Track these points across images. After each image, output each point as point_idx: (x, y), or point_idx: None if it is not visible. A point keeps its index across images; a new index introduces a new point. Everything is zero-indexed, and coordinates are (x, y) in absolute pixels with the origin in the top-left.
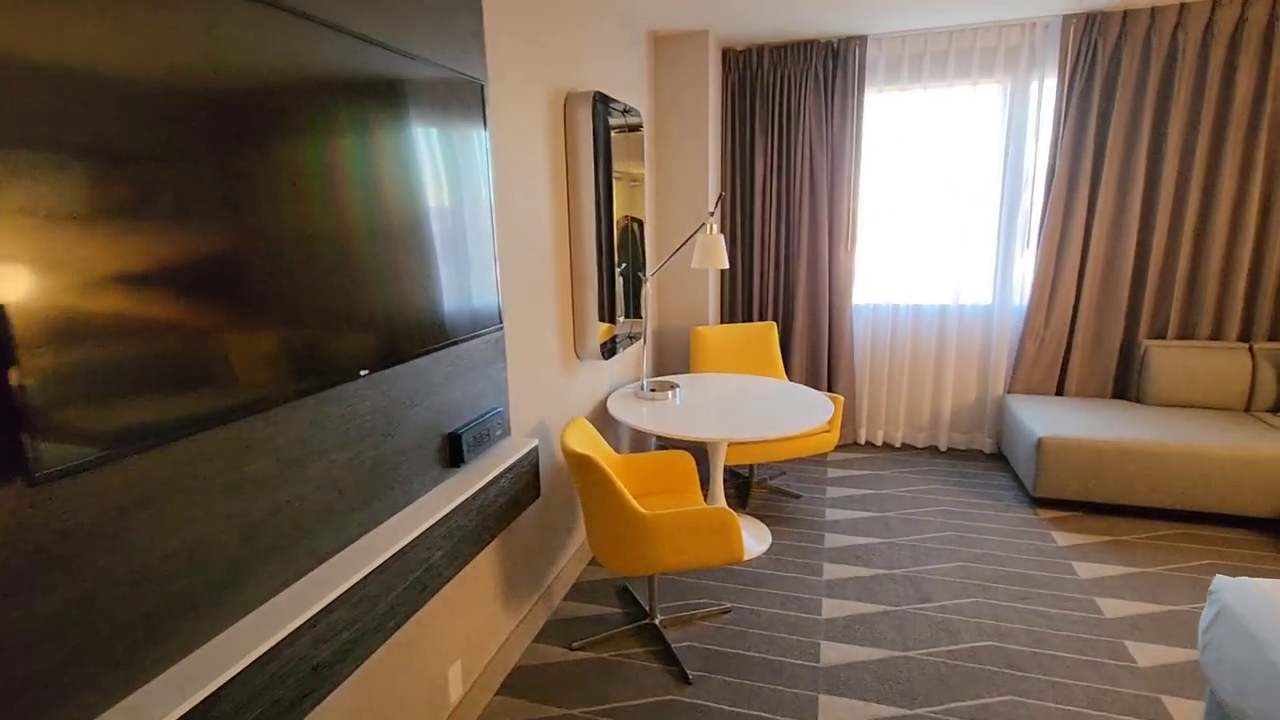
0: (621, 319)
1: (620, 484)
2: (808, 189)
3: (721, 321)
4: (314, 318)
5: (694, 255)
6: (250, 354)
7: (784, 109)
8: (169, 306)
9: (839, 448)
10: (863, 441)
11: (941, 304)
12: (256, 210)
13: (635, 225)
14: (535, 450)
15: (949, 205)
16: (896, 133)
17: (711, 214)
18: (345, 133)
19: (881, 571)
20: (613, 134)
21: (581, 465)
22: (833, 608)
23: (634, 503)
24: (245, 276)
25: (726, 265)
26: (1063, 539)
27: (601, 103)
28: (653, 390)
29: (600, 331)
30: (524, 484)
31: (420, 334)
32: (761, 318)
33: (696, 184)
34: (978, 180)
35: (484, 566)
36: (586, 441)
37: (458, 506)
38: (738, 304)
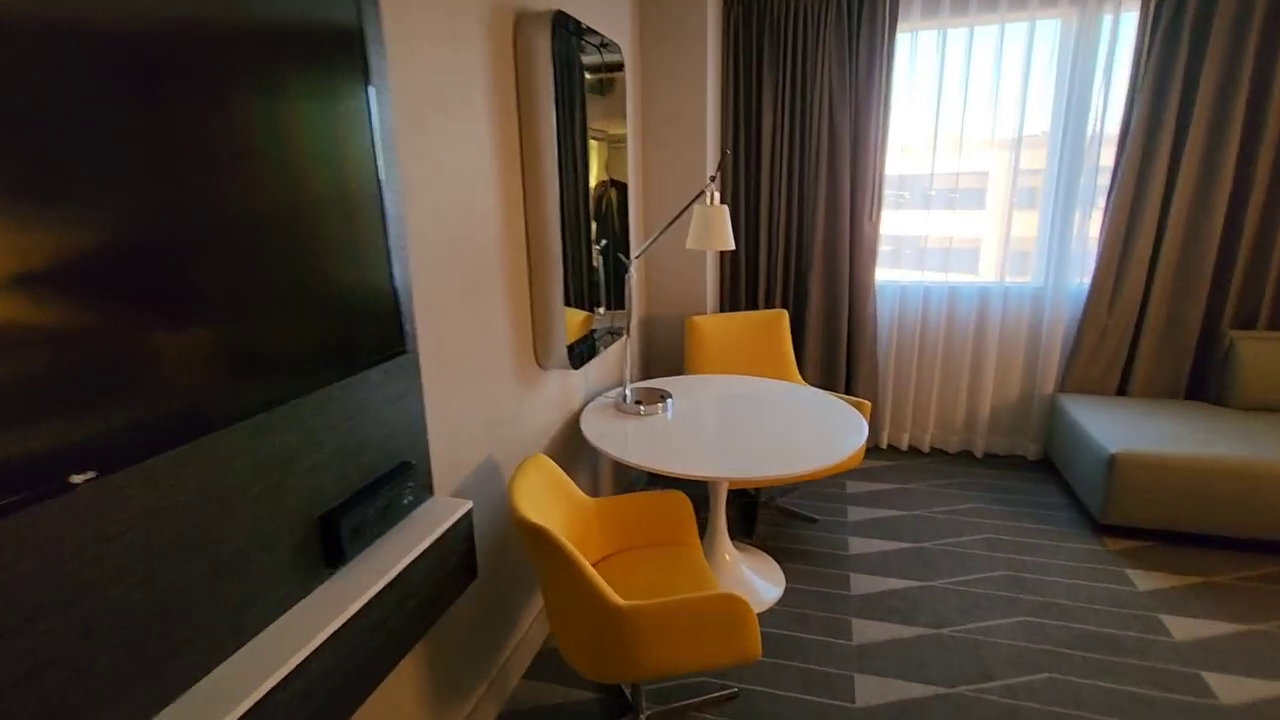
0: (600, 310)
1: (587, 569)
2: (826, 147)
3: (723, 308)
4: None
5: (690, 232)
6: None
7: (798, 51)
8: None
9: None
10: (885, 446)
11: (982, 283)
12: None
13: (614, 192)
14: (468, 516)
15: (994, 166)
16: (932, 78)
17: (712, 179)
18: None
19: (925, 631)
20: (586, 74)
21: (535, 540)
22: (869, 689)
23: (607, 591)
24: None
25: (731, 245)
26: (1143, 581)
27: (566, 27)
28: (638, 402)
29: (575, 325)
30: (450, 569)
31: (237, 392)
32: (769, 303)
33: (693, 140)
34: (1030, 135)
35: (404, 670)
36: (545, 492)
37: (328, 640)
38: (741, 287)
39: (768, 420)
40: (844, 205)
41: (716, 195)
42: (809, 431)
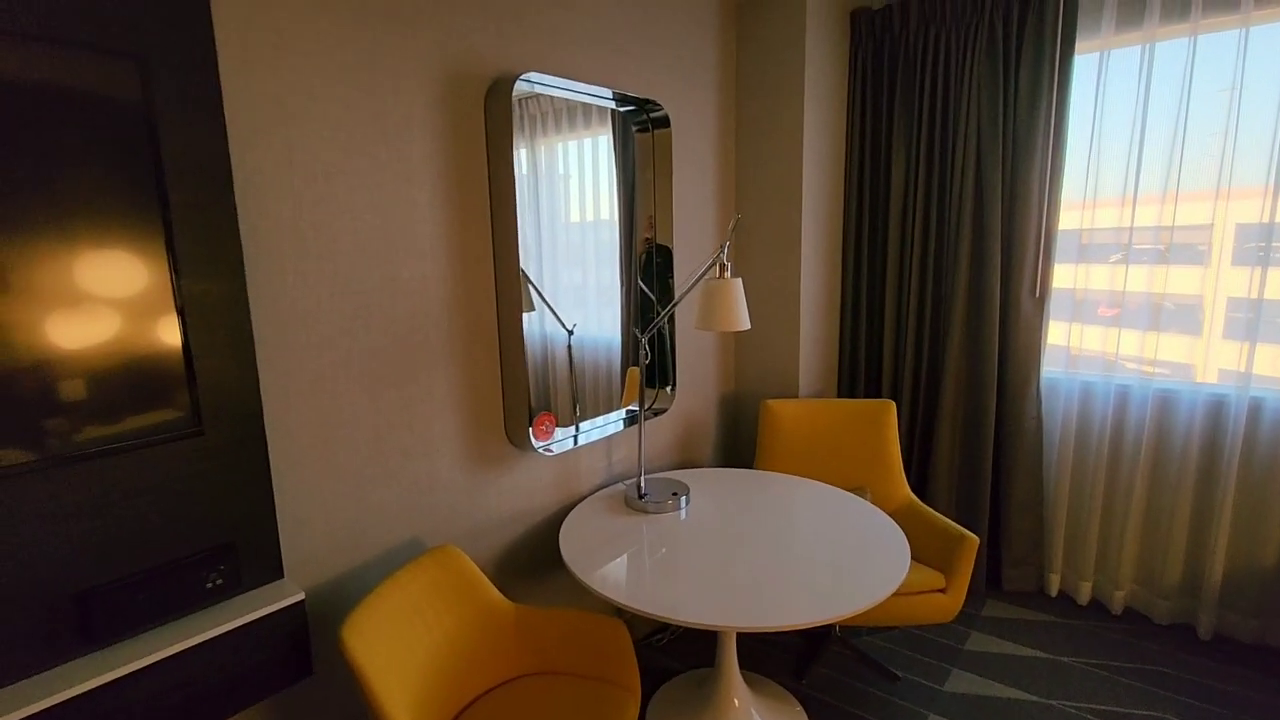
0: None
1: None
2: (971, 204)
3: (839, 394)
4: None
5: (696, 310)
6: None
7: (937, 90)
8: None
9: (1009, 596)
10: (1054, 593)
11: (1210, 385)
12: None
13: (658, 257)
14: (298, 608)
15: (1221, 220)
16: (1128, 106)
17: (723, 248)
18: None
19: None
20: (576, 134)
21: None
22: None
23: None
24: None
25: (744, 326)
26: None
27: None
28: (642, 495)
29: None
30: (261, 661)
31: None
32: (896, 395)
33: (785, 199)
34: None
35: None
36: (435, 594)
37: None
38: (860, 373)
39: (819, 542)
40: (992, 273)
41: (730, 264)
42: (859, 564)
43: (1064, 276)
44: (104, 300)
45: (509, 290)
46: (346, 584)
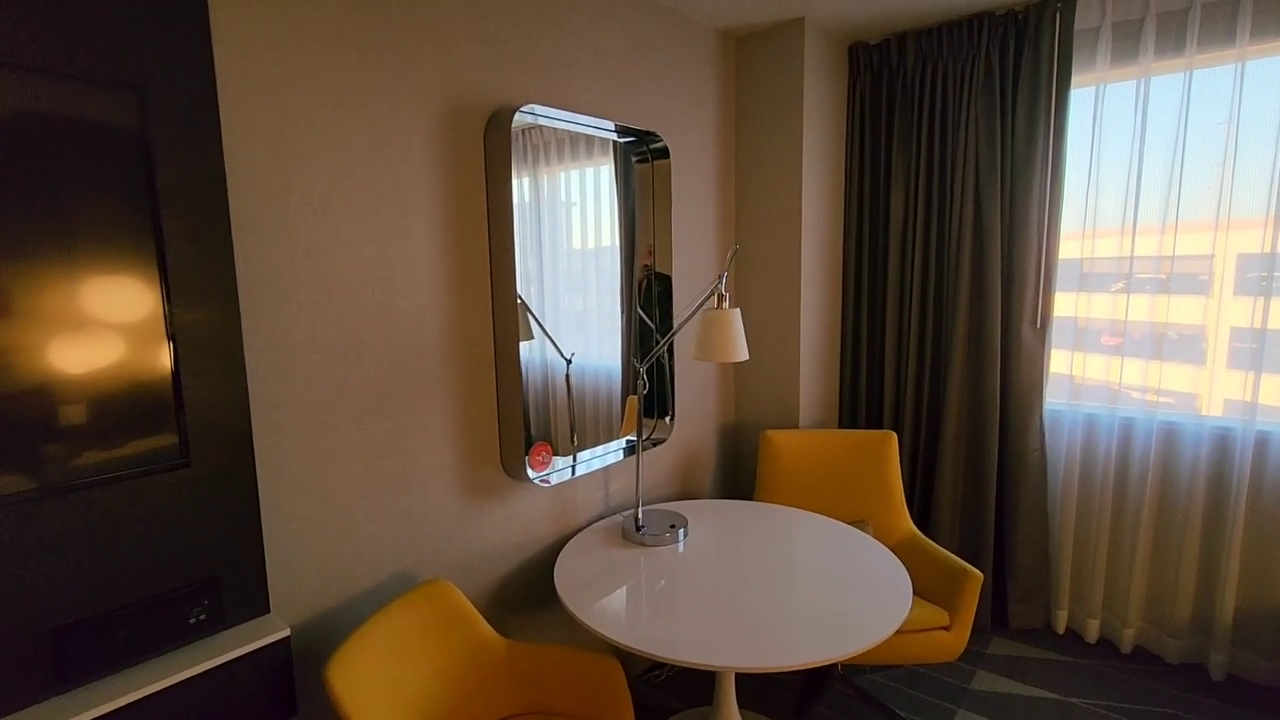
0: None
1: None
2: (971, 232)
3: (840, 425)
4: None
5: (695, 340)
6: None
7: (935, 120)
8: None
9: (1016, 634)
10: (1061, 630)
11: (1215, 419)
12: None
13: (657, 285)
14: (282, 644)
15: (1222, 250)
16: (1126, 138)
17: (721, 278)
18: None
19: None
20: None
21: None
22: None
23: None
24: None
25: (743, 356)
26: None
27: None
28: (642, 528)
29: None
30: (243, 700)
31: None
32: (898, 426)
33: (786, 232)
34: None
35: None
36: (422, 632)
37: None
38: (861, 404)
39: (805, 580)
40: (993, 304)
41: (728, 295)
42: (847, 603)
43: (1066, 305)
44: (91, 328)
45: (506, 320)
46: (335, 618)
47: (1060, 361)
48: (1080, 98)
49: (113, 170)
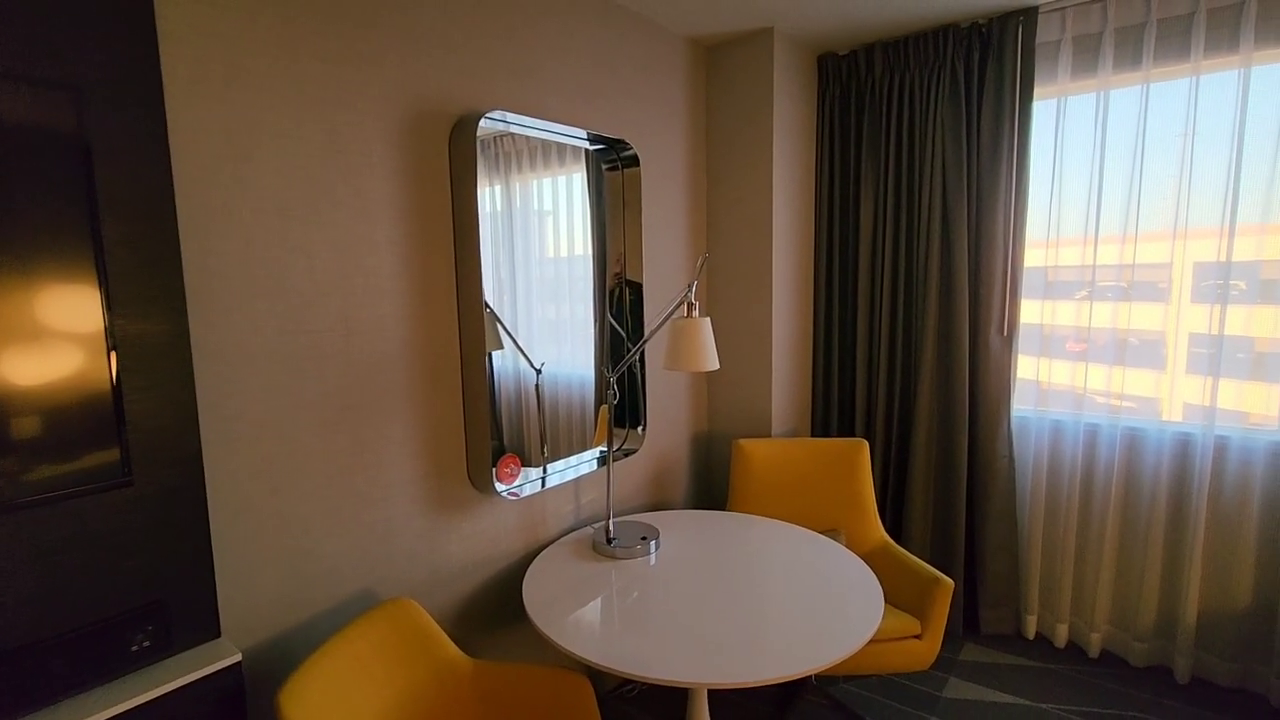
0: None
1: None
2: (939, 241)
3: (813, 433)
4: None
5: (665, 350)
6: None
7: (903, 129)
8: None
9: (987, 639)
10: (1031, 635)
11: (1176, 425)
12: None
13: (628, 292)
14: (233, 671)
15: (1179, 259)
16: (1087, 149)
17: (691, 287)
18: None
19: None
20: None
21: None
22: None
23: None
24: None
25: (713, 366)
26: None
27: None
28: (613, 540)
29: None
30: None
31: None
32: (869, 434)
33: (756, 238)
34: (1249, 209)
35: None
36: (380, 654)
37: None
38: (834, 413)
39: (777, 592)
40: (961, 312)
41: (697, 304)
42: (837, 610)
43: (1032, 312)
44: (22, 339)
45: (473, 329)
46: (292, 641)
47: (1027, 368)
48: (1043, 109)
49: (49, 173)
